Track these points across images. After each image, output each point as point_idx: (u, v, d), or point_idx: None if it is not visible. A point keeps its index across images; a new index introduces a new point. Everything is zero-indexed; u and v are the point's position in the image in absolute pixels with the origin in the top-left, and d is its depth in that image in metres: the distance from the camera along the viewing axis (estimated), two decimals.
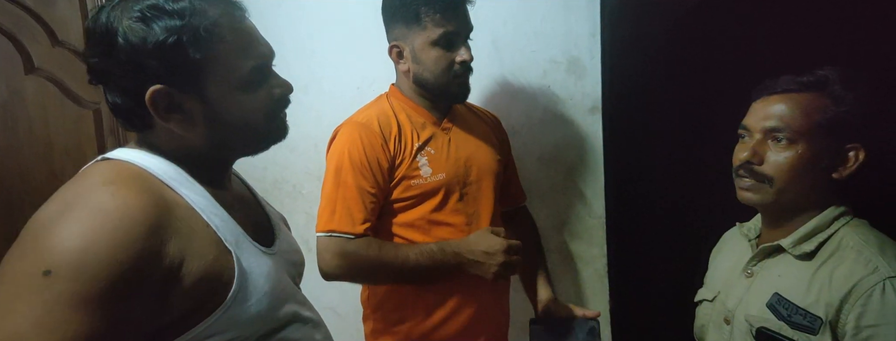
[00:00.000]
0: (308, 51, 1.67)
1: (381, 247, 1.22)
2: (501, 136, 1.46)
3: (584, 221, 1.63)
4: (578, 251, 1.65)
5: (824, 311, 0.87)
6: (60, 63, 1.63)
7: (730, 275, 1.07)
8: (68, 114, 1.65)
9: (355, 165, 1.22)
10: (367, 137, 1.23)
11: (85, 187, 0.67)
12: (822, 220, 0.94)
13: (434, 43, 1.23)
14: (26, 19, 1.59)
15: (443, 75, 1.25)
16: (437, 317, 1.29)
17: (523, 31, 1.56)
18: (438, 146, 1.30)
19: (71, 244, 0.61)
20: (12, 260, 0.63)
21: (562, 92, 1.58)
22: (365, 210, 1.22)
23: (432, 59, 1.24)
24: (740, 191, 0.99)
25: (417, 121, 1.31)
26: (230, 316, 0.71)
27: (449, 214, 1.29)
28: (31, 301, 0.59)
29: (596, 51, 1.53)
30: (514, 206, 1.52)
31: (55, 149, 1.65)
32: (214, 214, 0.74)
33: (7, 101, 1.60)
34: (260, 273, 0.76)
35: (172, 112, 0.72)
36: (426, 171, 1.26)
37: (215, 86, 0.73)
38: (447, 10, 1.22)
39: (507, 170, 1.47)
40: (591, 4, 1.52)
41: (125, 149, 0.76)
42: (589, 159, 1.60)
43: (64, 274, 0.60)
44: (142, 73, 0.69)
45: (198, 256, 0.69)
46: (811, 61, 0.97)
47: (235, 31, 0.74)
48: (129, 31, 0.68)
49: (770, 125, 0.94)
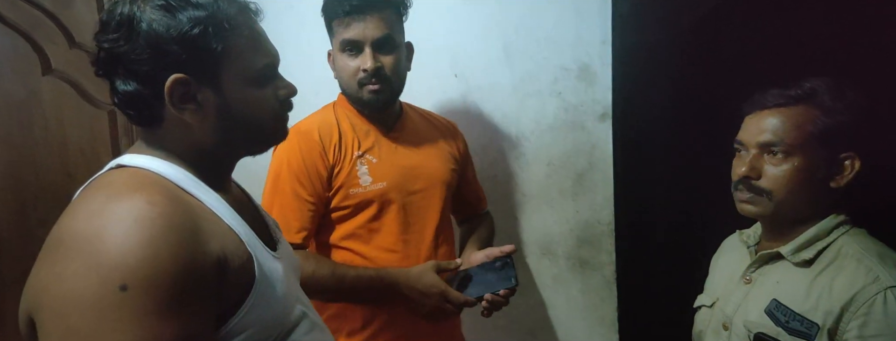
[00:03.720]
0: (318, 55, 1.68)
1: (318, 262, 1.20)
2: (458, 145, 1.43)
3: (592, 228, 1.63)
4: (587, 257, 1.65)
5: (823, 318, 0.88)
6: (77, 64, 1.66)
7: (728, 282, 1.07)
8: (83, 115, 1.68)
9: (293, 173, 1.22)
10: (306, 145, 1.23)
11: (113, 197, 0.66)
12: (821, 229, 0.95)
13: (340, 49, 1.25)
14: (44, 21, 1.62)
15: (350, 82, 1.25)
16: (375, 326, 1.27)
17: (534, 37, 1.57)
18: (382, 154, 1.28)
19: (136, 255, 0.60)
20: (73, 282, 0.60)
21: (572, 99, 1.58)
22: (301, 218, 1.21)
23: (340, 66, 1.26)
24: (739, 203, 1.00)
25: (361, 129, 1.29)
26: (251, 318, 0.72)
27: (389, 223, 1.27)
28: (117, 319, 0.58)
29: (607, 58, 1.54)
30: (472, 215, 1.51)
31: (70, 148, 1.67)
32: (231, 217, 0.75)
33: (24, 101, 1.62)
34: (275, 277, 0.77)
35: (187, 103, 0.72)
36: (366, 180, 1.25)
37: (230, 79, 0.74)
38: (348, 16, 1.21)
39: (465, 179, 1.46)
40: (603, 12, 1.52)
41: (135, 154, 0.75)
42: (598, 166, 1.59)
43: (141, 286, 0.59)
44: (163, 59, 0.69)
45: (234, 255, 0.70)
46: (821, 69, 0.97)
47: (251, 29, 0.76)
48: (154, 20, 0.68)
49: (764, 139, 0.95)
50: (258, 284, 0.72)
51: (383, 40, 1.22)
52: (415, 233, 1.30)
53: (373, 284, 1.20)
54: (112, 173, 0.72)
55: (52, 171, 1.66)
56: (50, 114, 1.65)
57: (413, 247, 1.30)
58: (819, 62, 1.21)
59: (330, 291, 1.21)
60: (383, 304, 1.26)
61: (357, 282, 1.20)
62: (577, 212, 1.63)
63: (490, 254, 1.28)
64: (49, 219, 0.66)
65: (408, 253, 1.29)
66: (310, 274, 1.16)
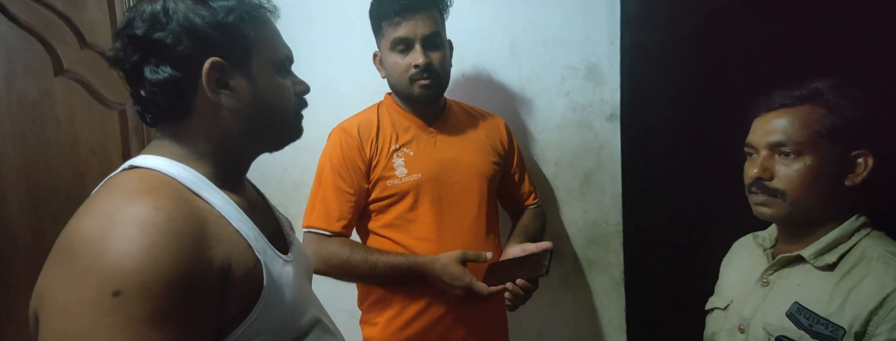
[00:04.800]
0: (326, 54, 1.69)
1: (352, 249, 1.29)
2: (502, 139, 1.46)
3: (600, 228, 1.62)
4: (595, 258, 1.64)
5: (849, 322, 0.87)
6: (88, 65, 1.67)
7: (744, 284, 1.06)
8: (95, 115, 1.69)
9: (334, 167, 1.32)
10: (346, 142, 1.33)
11: (122, 200, 0.66)
12: (843, 231, 0.94)
13: (391, 48, 1.30)
14: (56, 22, 1.64)
15: (401, 79, 1.31)
16: (413, 310, 1.32)
17: (541, 37, 1.57)
18: (419, 148, 1.35)
19: (134, 262, 0.60)
20: (71, 285, 0.60)
21: (580, 98, 1.58)
22: (341, 209, 1.31)
23: (391, 64, 1.32)
24: (755, 206, 1.00)
25: (401, 124, 1.37)
26: (258, 326, 0.71)
27: (425, 213, 1.32)
28: (107, 324, 0.58)
29: (615, 57, 1.53)
30: (521, 208, 1.52)
31: (81, 148, 1.69)
32: (241, 221, 0.74)
33: (36, 101, 1.64)
34: (285, 282, 0.76)
35: (222, 88, 0.75)
36: (401, 172, 1.32)
37: (259, 66, 0.78)
38: (397, 16, 1.27)
39: (510, 174, 1.48)
40: (610, 11, 1.52)
41: (149, 155, 0.75)
42: (607, 166, 1.59)
43: (134, 293, 0.59)
44: (200, 43, 0.72)
45: (239, 262, 0.70)
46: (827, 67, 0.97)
47: (271, 23, 0.82)
48: (189, 9, 0.72)
49: (774, 140, 0.95)
50: (266, 291, 0.72)
51: (431, 37, 1.29)
52: (451, 223, 1.34)
53: (402, 271, 1.27)
54: (124, 175, 0.72)
55: (63, 170, 1.68)
56: (62, 114, 1.66)
57: (449, 237, 1.33)
58: (826, 61, 1.20)
59: (363, 276, 1.31)
60: (422, 291, 1.31)
61: (388, 269, 1.27)
62: (585, 212, 1.62)
63: (526, 249, 1.31)
64: (61, 217, 0.67)
65: (443, 242, 1.32)
66: (345, 260, 1.27)
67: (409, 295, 1.32)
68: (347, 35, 1.64)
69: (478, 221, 1.36)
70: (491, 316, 1.40)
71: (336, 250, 1.27)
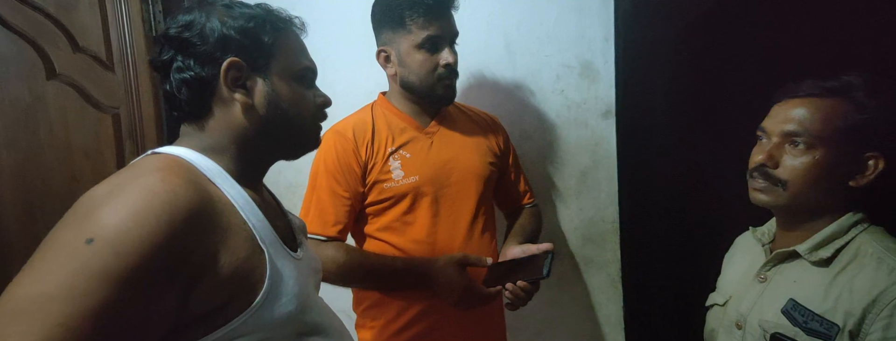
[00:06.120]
0: (322, 55, 1.68)
1: (350, 254, 1.26)
2: (498, 139, 1.45)
3: (597, 226, 1.62)
4: (592, 256, 1.64)
5: (843, 319, 0.86)
6: (81, 69, 1.66)
7: (742, 280, 1.06)
8: (88, 119, 1.68)
9: (329, 171, 1.29)
10: (340, 144, 1.30)
11: (135, 174, 0.69)
12: (839, 227, 0.93)
13: (418, 46, 1.27)
14: (48, 26, 1.63)
15: (427, 78, 1.29)
16: (409, 314, 1.31)
17: (536, 34, 1.57)
18: (416, 149, 1.33)
19: (116, 217, 0.62)
20: (59, 230, 0.65)
21: (575, 96, 1.57)
22: (337, 212, 1.28)
23: (417, 62, 1.28)
24: (752, 191, 0.98)
25: (397, 126, 1.34)
26: (260, 316, 0.72)
27: (423, 216, 1.31)
28: (66, 265, 0.60)
29: (609, 55, 1.53)
30: (516, 208, 1.51)
31: (75, 151, 1.68)
32: (252, 213, 0.77)
33: (29, 106, 1.63)
34: (289, 275, 0.78)
35: (239, 87, 0.80)
36: (398, 175, 1.30)
37: (277, 72, 0.83)
38: (430, 14, 1.25)
39: (507, 173, 1.47)
40: (605, 8, 1.51)
41: (173, 146, 0.80)
42: (602, 164, 1.59)
43: (104, 245, 0.61)
44: (223, 43, 0.79)
45: (231, 252, 0.71)
46: (824, 65, 0.96)
47: (297, 36, 0.89)
48: (219, 14, 0.80)
49: (789, 129, 0.93)
50: (270, 280, 0.74)
51: (455, 36, 1.30)
52: (447, 225, 1.33)
53: (401, 275, 1.26)
54: (146, 157, 0.77)
55: (57, 175, 1.67)
56: (55, 117, 1.66)
57: (445, 238, 1.32)
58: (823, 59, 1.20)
59: (362, 280, 1.30)
60: (418, 295, 1.30)
61: (386, 273, 1.26)
62: (581, 210, 1.62)
63: (527, 250, 1.30)
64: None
65: (439, 244, 1.31)
66: (343, 264, 1.24)
67: (406, 298, 1.31)
68: (341, 36, 1.63)
69: (474, 223, 1.35)
70: (489, 320, 1.39)
71: (332, 255, 1.25)
